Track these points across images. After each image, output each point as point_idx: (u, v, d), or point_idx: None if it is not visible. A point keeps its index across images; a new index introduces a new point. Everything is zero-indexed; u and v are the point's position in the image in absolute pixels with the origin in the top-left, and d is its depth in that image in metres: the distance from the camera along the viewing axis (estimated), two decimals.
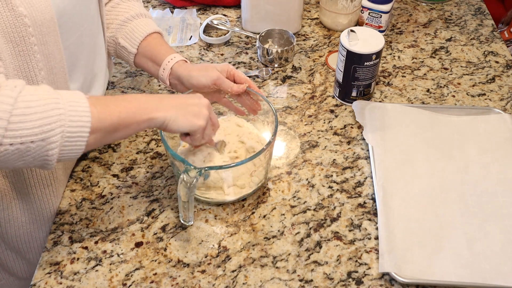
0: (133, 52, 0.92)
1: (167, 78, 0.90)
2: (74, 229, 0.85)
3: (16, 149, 0.61)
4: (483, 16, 1.35)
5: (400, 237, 0.82)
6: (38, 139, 0.62)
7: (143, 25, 0.92)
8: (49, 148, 0.63)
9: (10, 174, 0.80)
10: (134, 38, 0.91)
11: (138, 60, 0.93)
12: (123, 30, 0.92)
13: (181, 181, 0.75)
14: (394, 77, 1.16)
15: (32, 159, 0.63)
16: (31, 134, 0.61)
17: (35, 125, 0.61)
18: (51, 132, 0.62)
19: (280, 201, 0.90)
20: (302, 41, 1.25)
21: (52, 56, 0.73)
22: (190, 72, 0.87)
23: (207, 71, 0.87)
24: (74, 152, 0.66)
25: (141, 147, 0.99)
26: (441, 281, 0.78)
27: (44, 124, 0.62)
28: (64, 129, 0.63)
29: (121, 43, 0.92)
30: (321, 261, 0.81)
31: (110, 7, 0.94)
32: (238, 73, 0.90)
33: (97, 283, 0.78)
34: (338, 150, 0.99)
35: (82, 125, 0.64)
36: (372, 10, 1.22)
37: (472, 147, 0.98)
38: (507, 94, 1.11)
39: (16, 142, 0.61)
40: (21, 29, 0.67)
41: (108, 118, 0.68)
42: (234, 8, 1.36)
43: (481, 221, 0.85)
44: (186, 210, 0.78)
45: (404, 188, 0.90)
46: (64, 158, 0.66)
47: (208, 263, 0.81)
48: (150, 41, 0.92)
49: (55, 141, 0.63)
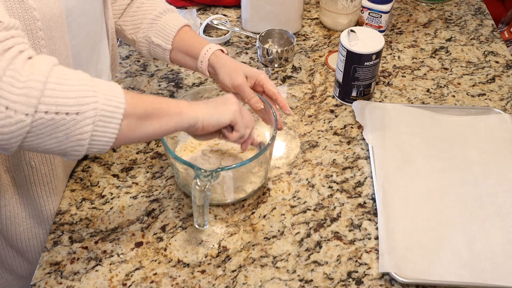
0: (168, 48, 0.92)
1: (206, 69, 0.90)
2: (74, 229, 0.85)
3: (51, 119, 0.58)
4: (483, 16, 1.35)
5: (400, 237, 0.82)
6: (73, 111, 0.59)
7: (172, 20, 0.93)
8: (83, 124, 0.60)
9: (11, 169, 0.80)
10: (167, 34, 0.92)
11: (174, 55, 0.94)
12: (154, 28, 0.93)
13: (194, 186, 0.75)
14: (394, 77, 1.16)
15: (64, 136, 0.60)
16: (66, 104, 0.59)
17: (70, 95, 0.59)
18: (85, 106, 0.60)
19: (280, 201, 0.90)
20: (302, 41, 1.25)
21: (58, 52, 0.73)
22: (221, 67, 0.88)
23: (234, 73, 0.87)
24: (107, 136, 0.63)
25: (141, 147, 0.99)
26: (441, 281, 0.78)
27: (80, 97, 0.59)
28: (98, 105, 0.61)
29: (155, 41, 0.92)
30: (321, 261, 0.81)
31: (136, 7, 0.94)
32: (268, 84, 0.89)
33: (97, 283, 0.78)
34: (338, 150, 0.99)
35: (116, 105, 0.62)
36: (372, 10, 1.22)
37: (472, 147, 0.98)
38: (507, 94, 1.11)
39: (52, 110, 0.58)
40: (30, 22, 0.67)
41: (141, 105, 0.66)
42: (234, 8, 1.36)
43: (481, 221, 0.85)
44: (201, 215, 0.77)
45: (404, 188, 0.90)
46: (96, 143, 0.63)
47: (208, 263, 0.81)
48: (182, 35, 0.92)
49: (90, 116, 0.60)
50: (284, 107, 0.89)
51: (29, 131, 0.58)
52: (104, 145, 0.63)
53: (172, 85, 1.12)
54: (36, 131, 0.58)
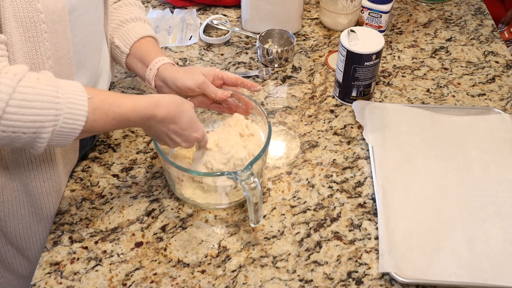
0: (125, 52, 0.92)
1: (153, 79, 0.89)
2: (74, 229, 0.85)
3: (7, 136, 0.63)
4: (483, 16, 1.35)
5: (400, 237, 0.82)
6: (30, 132, 0.64)
7: (139, 28, 0.93)
8: (38, 140, 0.66)
9: (11, 165, 0.80)
10: (128, 38, 0.92)
11: (129, 61, 0.93)
12: (120, 30, 0.93)
13: (244, 188, 0.76)
14: (394, 77, 1.16)
15: (20, 145, 0.66)
16: (24, 127, 0.63)
17: (29, 119, 0.63)
18: (43, 129, 0.65)
19: (280, 201, 0.90)
20: (302, 41, 1.25)
21: (60, 46, 0.74)
22: (176, 74, 0.87)
23: (193, 75, 0.87)
24: (63, 142, 0.69)
25: (141, 147, 0.99)
26: (441, 281, 0.78)
27: (39, 121, 0.64)
28: (56, 128, 0.66)
29: (115, 42, 0.93)
30: (321, 261, 0.81)
31: (113, 8, 0.94)
32: (227, 73, 0.90)
33: (97, 283, 0.78)
34: (338, 150, 0.99)
35: (74, 127, 0.67)
36: (372, 10, 1.22)
37: (472, 147, 0.98)
38: (507, 94, 1.11)
39: (8, 130, 0.63)
40: (33, 14, 0.68)
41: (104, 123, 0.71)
42: (234, 8, 1.36)
43: (481, 221, 0.85)
44: (256, 211, 0.78)
45: (404, 188, 0.90)
46: (53, 145, 0.69)
47: (208, 263, 0.81)
48: (143, 43, 0.92)
49: (46, 137, 0.65)
50: (252, 86, 0.90)
51: None
52: (61, 146, 0.70)
53: None
54: None
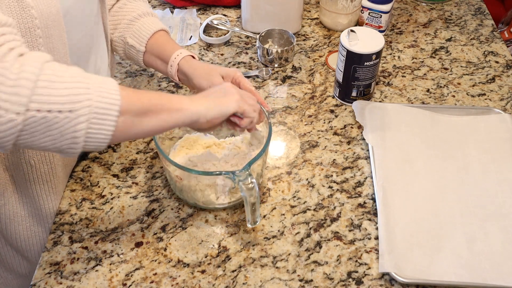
0: (141, 50, 0.92)
1: (175, 74, 0.90)
2: (74, 229, 0.85)
3: (43, 117, 0.58)
4: (483, 16, 1.35)
5: (400, 237, 0.82)
6: (66, 109, 0.58)
7: (149, 23, 0.92)
8: (77, 122, 0.59)
9: (11, 168, 0.80)
10: (142, 36, 0.92)
11: (147, 58, 0.93)
12: (131, 29, 0.92)
13: (241, 188, 0.76)
14: (394, 77, 1.16)
15: (59, 134, 0.60)
16: (58, 102, 0.58)
17: (62, 93, 0.58)
18: (78, 104, 0.59)
19: (280, 201, 0.90)
20: (302, 41, 1.25)
21: (56, 50, 0.73)
22: (194, 71, 0.87)
23: (210, 75, 0.86)
24: (102, 134, 0.62)
25: (141, 147, 0.99)
26: (441, 281, 0.78)
27: (72, 94, 0.59)
28: (92, 103, 0.60)
29: (129, 42, 0.92)
30: (321, 261, 0.81)
31: (118, 8, 0.94)
32: (244, 82, 0.87)
33: (97, 283, 0.78)
34: (338, 150, 0.99)
35: (111, 102, 0.61)
36: (372, 10, 1.22)
37: (472, 147, 0.98)
38: (507, 94, 1.11)
39: (43, 108, 0.57)
40: (28, 20, 0.67)
41: (138, 102, 0.65)
42: (234, 8, 1.36)
43: (481, 221, 0.85)
44: (253, 212, 0.78)
45: (404, 188, 0.90)
46: (92, 141, 0.62)
47: (208, 263, 0.81)
48: (157, 38, 0.92)
49: (84, 113, 0.59)
50: (263, 103, 0.89)
51: (22, 130, 0.58)
52: (100, 142, 0.63)
53: (172, 85, 1.12)
54: (29, 129, 0.58)
